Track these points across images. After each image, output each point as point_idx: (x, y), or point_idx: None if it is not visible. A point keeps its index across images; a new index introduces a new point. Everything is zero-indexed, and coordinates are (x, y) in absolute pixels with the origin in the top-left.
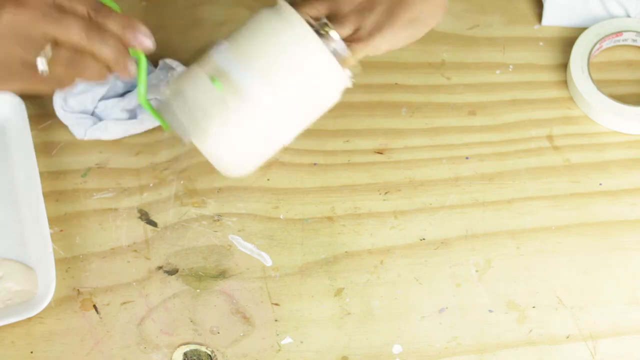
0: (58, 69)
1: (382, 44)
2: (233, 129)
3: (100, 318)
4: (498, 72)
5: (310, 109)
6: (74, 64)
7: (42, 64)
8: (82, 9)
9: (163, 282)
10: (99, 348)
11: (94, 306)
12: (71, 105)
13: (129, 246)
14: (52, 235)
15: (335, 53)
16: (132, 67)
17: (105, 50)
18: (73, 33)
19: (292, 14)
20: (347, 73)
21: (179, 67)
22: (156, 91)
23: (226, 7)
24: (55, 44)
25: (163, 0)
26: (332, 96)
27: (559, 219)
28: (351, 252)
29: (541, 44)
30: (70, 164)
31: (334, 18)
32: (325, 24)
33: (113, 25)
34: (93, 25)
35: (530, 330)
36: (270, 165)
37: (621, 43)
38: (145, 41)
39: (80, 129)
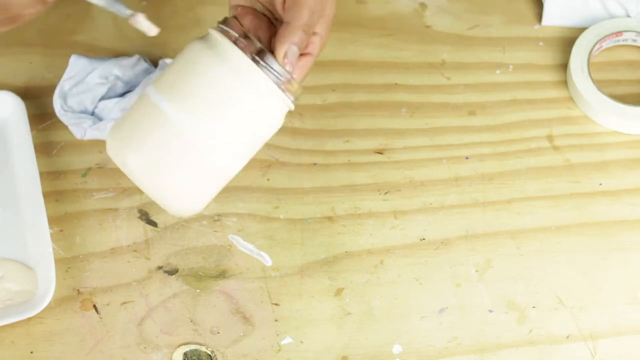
0: None
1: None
2: (152, 150)
3: (100, 318)
4: (498, 72)
5: (251, 139)
6: None
7: None
8: None
9: (163, 282)
10: (99, 348)
11: (94, 306)
12: (71, 105)
13: (129, 246)
14: (52, 235)
15: (275, 80)
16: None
17: None
18: None
19: (225, 46)
20: (289, 97)
21: None
22: None
23: (226, 7)
24: None
25: (163, 0)
26: (274, 124)
27: (559, 219)
28: (351, 252)
29: (541, 44)
30: (70, 164)
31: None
32: (262, 50)
33: None
34: None
35: (530, 330)
36: (270, 165)
37: (621, 43)
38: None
39: (80, 129)
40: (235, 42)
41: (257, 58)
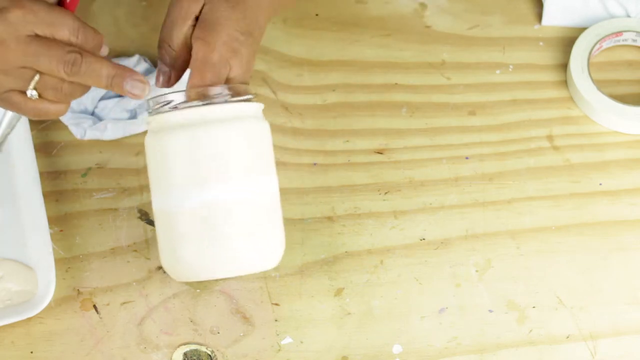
0: (48, 94)
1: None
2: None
3: (100, 318)
4: (498, 72)
5: (261, 153)
6: (62, 90)
7: (30, 93)
8: (63, 35)
9: (163, 282)
10: (99, 348)
11: (94, 306)
12: (71, 105)
13: (129, 246)
14: (52, 235)
15: (224, 100)
16: (135, 89)
17: (92, 80)
18: (53, 67)
19: (171, 119)
20: (245, 97)
21: None
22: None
23: None
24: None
25: (163, 0)
26: (263, 127)
27: (559, 219)
28: (351, 252)
29: (541, 44)
30: (70, 164)
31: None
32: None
33: (101, 69)
34: (75, 56)
35: (530, 330)
36: None
37: (621, 43)
38: (135, 88)
39: (80, 129)
40: (174, 107)
41: (198, 102)
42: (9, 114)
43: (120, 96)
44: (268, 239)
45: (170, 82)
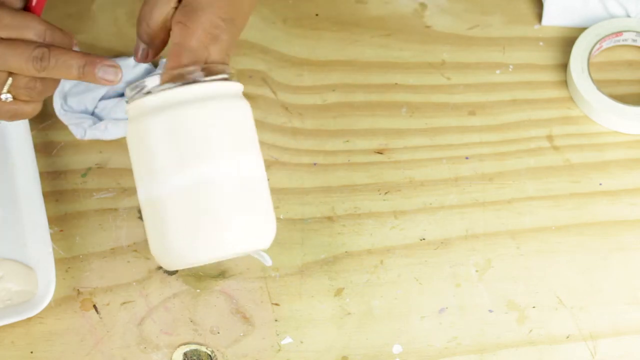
0: (22, 94)
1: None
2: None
3: (100, 318)
4: (498, 72)
5: (243, 132)
6: (35, 88)
7: (4, 97)
8: (29, 37)
9: (163, 282)
10: (99, 348)
11: (94, 306)
12: (71, 105)
13: (129, 246)
14: (52, 235)
15: (196, 78)
16: (107, 75)
17: (62, 73)
18: (22, 65)
19: (144, 104)
20: (221, 76)
21: None
22: None
23: None
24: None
25: None
26: (239, 106)
27: (559, 219)
28: (351, 252)
29: (541, 44)
30: (70, 164)
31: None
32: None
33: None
34: (42, 50)
35: (530, 330)
36: (270, 165)
37: (621, 43)
38: (108, 74)
39: (80, 129)
40: (173, 84)
41: (172, 84)
42: None
43: (120, 96)
44: (257, 216)
45: (147, 58)
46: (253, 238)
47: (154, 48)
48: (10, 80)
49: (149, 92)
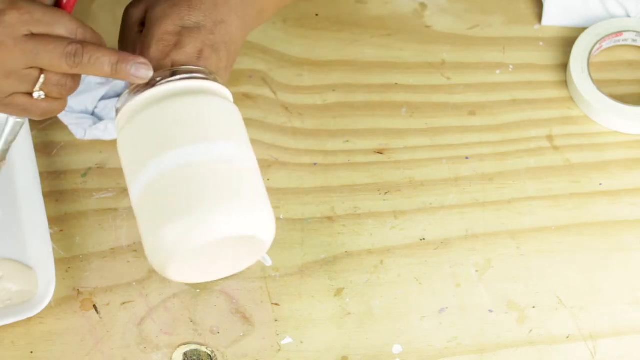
0: (53, 92)
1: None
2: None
3: (100, 318)
4: (498, 72)
5: (231, 124)
6: (66, 85)
7: (37, 94)
8: (60, 33)
9: (163, 282)
10: (99, 348)
11: (94, 306)
12: (71, 105)
13: (129, 246)
14: (52, 235)
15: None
16: (139, 72)
17: (96, 70)
18: (55, 61)
19: (137, 100)
20: (182, 76)
21: None
22: None
23: None
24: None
25: None
26: (208, 101)
27: (559, 219)
28: (351, 252)
29: (541, 44)
30: (70, 164)
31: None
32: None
33: (102, 57)
34: (76, 46)
35: (530, 330)
36: (270, 165)
37: (621, 43)
38: (140, 71)
39: (80, 129)
40: (140, 90)
41: (162, 81)
42: (11, 120)
43: (120, 96)
44: (242, 199)
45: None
46: (240, 221)
47: None
48: (42, 77)
49: (124, 104)
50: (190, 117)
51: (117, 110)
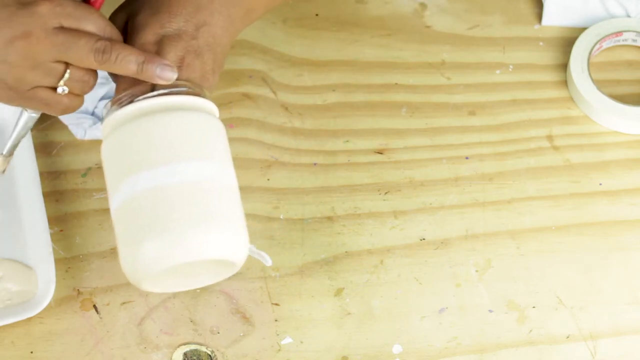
0: (76, 88)
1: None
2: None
3: (100, 318)
4: (498, 72)
5: (212, 142)
6: (89, 82)
7: (62, 89)
8: (89, 29)
9: None
10: (99, 348)
11: (94, 306)
12: None
13: None
14: (52, 235)
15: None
16: (164, 73)
17: (122, 68)
18: (84, 56)
19: (118, 115)
20: (161, 91)
21: None
22: None
23: None
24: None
25: None
26: (191, 117)
27: (559, 219)
28: (351, 252)
29: (541, 44)
30: (70, 164)
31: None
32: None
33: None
34: (105, 43)
35: (530, 330)
36: (270, 165)
37: (621, 43)
38: (165, 72)
39: (80, 129)
40: (120, 104)
41: (144, 97)
42: (25, 115)
43: None
44: (217, 224)
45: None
46: (204, 245)
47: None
48: (68, 72)
49: (103, 117)
50: (164, 135)
51: (102, 119)
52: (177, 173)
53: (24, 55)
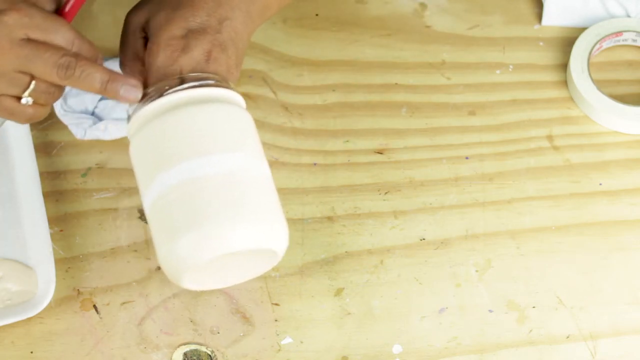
0: (41, 98)
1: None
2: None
3: (100, 318)
4: (498, 72)
5: (243, 133)
6: (54, 94)
7: (25, 100)
8: (57, 42)
9: (163, 282)
10: (99, 348)
11: (94, 306)
12: (71, 105)
13: (129, 246)
14: (52, 235)
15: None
16: (128, 93)
17: (85, 85)
18: (47, 70)
19: (149, 108)
20: (192, 84)
21: None
22: None
23: None
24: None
25: None
26: (220, 108)
27: (559, 219)
28: (351, 252)
29: (541, 44)
30: (70, 164)
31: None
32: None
33: (94, 73)
34: (69, 59)
35: (530, 330)
36: (270, 165)
37: (621, 43)
38: (130, 93)
39: (80, 129)
40: (149, 99)
41: (173, 89)
42: None
43: None
44: (250, 213)
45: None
46: (244, 235)
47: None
48: (33, 84)
49: (130, 115)
50: (196, 128)
51: (128, 118)
52: (211, 165)
53: None
